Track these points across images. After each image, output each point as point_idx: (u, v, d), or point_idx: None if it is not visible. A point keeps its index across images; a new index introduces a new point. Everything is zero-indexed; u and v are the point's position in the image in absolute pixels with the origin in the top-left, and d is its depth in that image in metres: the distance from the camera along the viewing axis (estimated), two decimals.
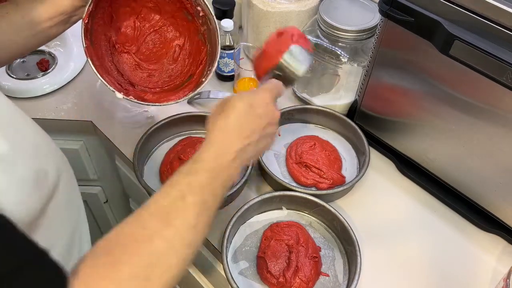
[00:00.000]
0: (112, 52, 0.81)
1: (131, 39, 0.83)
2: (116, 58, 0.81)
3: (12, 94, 0.94)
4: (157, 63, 0.84)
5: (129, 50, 0.82)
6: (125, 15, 0.81)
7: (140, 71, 0.83)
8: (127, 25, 0.82)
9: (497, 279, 0.71)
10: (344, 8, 0.84)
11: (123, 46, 0.82)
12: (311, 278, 0.68)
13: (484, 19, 0.58)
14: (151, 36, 0.84)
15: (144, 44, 0.84)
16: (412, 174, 0.83)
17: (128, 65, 0.83)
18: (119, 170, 1.01)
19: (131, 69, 0.83)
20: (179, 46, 0.84)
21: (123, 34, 0.82)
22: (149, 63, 0.84)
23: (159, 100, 0.76)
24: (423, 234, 0.77)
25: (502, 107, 0.62)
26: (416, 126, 0.77)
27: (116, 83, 0.76)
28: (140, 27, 0.83)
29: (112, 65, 0.80)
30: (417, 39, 0.66)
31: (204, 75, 0.78)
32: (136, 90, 0.80)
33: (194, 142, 0.83)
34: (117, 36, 0.81)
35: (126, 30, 0.82)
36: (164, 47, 0.84)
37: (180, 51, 0.84)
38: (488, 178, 0.71)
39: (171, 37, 0.84)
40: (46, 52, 1.00)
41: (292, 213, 0.78)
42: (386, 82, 0.77)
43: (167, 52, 0.84)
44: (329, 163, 0.81)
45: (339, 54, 0.82)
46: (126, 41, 0.82)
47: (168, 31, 0.84)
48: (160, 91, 0.82)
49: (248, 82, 0.96)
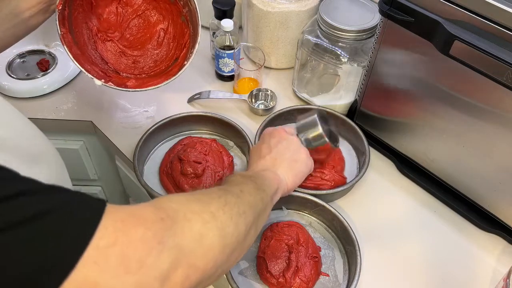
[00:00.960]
0: (95, 40, 0.80)
1: (114, 26, 0.81)
2: (99, 46, 0.80)
3: (12, 94, 0.94)
4: (142, 48, 0.83)
5: (112, 38, 0.81)
6: (106, 0, 0.80)
7: (125, 58, 0.82)
8: (109, 11, 0.80)
9: (497, 279, 0.71)
10: (344, 8, 0.84)
11: (106, 33, 0.81)
12: (311, 278, 0.68)
13: (484, 19, 0.58)
14: (134, 21, 0.83)
15: (128, 29, 0.83)
16: (412, 174, 0.83)
17: (112, 53, 0.81)
18: (119, 170, 1.01)
19: (116, 57, 0.82)
20: (163, 30, 0.83)
21: (106, 21, 0.80)
22: (133, 49, 0.83)
23: (141, 86, 0.75)
24: (423, 234, 0.77)
25: (502, 107, 0.62)
26: (416, 126, 0.77)
27: (99, 71, 0.75)
28: (122, 12, 0.81)
29: (96, 53, 0.79)
30: (417, 39, 0.66)
31: (187, 58, 0.76)
32: (120, 77, 0.79)
33: (194, 142, 0.83)
34: (99, 23, 0.80)
35: (109, 16, 0.80)
36: (148, 32, 0.83)
37: (164, 35, 0.83)
38: (488, 178, 0.71)
39: (155, 21, 0.83)
40: (46, 52, 1.00)
41: (292, 213, 0.78)
42: (386, 82, 0.77)
43: (151, 37, 0.83)
44: (333, 163, 0.81)
45: (339, 54, 0.82)
46: (108, 28, 0.81)
47: (151, 15, 0.83)
48: (145, 77, 0.81)
49: (248, 82, 0.96)
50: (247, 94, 0.92)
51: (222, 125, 0.87)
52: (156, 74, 0.81)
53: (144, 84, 0.75)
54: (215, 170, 0.79)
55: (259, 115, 0.93)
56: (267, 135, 0.68)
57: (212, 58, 1.04)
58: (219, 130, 0.89)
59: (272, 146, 0.65)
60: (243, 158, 0.86)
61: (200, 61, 1.04)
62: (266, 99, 0.95)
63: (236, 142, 0.88)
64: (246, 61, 1.04)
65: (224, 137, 0.89)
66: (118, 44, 0.82)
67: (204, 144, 0.82)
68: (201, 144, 0.82)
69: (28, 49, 1.00)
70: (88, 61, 0.75)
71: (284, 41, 0.96)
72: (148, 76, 0.81)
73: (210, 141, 0.84)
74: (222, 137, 0.89)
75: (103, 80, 0.72)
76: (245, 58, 1.05)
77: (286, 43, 0.97)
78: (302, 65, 0.92)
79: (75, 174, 1.09)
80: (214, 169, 0.79)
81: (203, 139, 0.84)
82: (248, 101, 0.92)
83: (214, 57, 0.99)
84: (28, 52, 1.00)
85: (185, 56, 0.79)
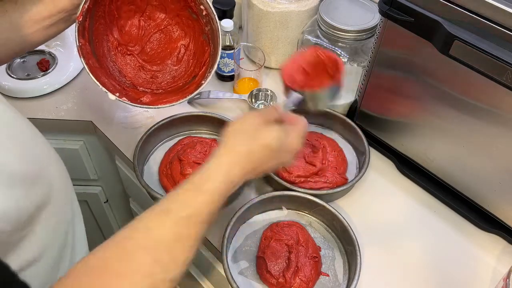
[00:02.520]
0: (115, 53, 0.80)
1: (135, 39, 0.81)
2: (119, 59, 0.80)
3: (12, 94, 0.94)
4: (161, 64, 0.83)
5: (133, 52, 0.81)
6: (129, 13, 0.79)
7: (143, 73, 0.82)
8: (132, 24, 0.80)
9: (497, 279, 0.71)
10: (344, 8, 0.84)
11: (127, 47, 0.81)
12: (311, 278, 0.68)
13: (484, 19, 0.58)
14: (156, 36, 0.82)
15: (149, 44, 0.82)
16: (412, 174, 0.83)
17: (131, 66, 0.81)
18: (119, 170, 1.01)
19: (134, 71, 0.82)
20: (184, 46, 0.83)
21: (127, 34, 0.80)
22: (152, 64, 0.83)
23: (156, 102, 0.75)
24: (423, 234, 0.77)
25: (502, 107, 0.62)
26: (416, 126, 0.77)
27: (116, 85, 0.75)
28: (145, 26, 0.81)
29: (115, 66, 0.79)
30: (417, 39, 0.66)
31: (205, 77, 0.76)
32: (137, 91, 0.79)
33: (194, 142, 0.83)
34: (121, 36, 0.80)
35: (131, 29, 0.80)
36: (169, 47, 0.83)
37: (185, 51, 0.83)
38: (488, 178, 0.71)
39: (177, 36, 0.83)
40: (46, 52, 1.00)
41: (292, 213, 0.78)
42: (386, 82, 0.77)
43: (171, 53, 0.83)
44: (336, 165, 0.81)
45: (339, 54, 0.82)
46: (129, 41, 0.81)
47: (173, 30, 0.82)
48: (161, 93, 0.81)
49: (248, 82, 0.96)
50: (247, 94, 0.92)
51: (222, 125, 0.86)
52: (173, 90, 0.80)
53: (159, 101, 0.75)
54: None
55: None
56: (289, 142, 0.54)
57: None
58: (219, 130, 0.88)
59: (273, 163, 0.53)
60: None
61: None
62: (266, 99, 0.95)
63: None
64: (246, 61, 1.04)
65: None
66: (138, 58, 0.82)
67: (204, 144, 0.82)
68: (201, 144, 0.82)
69: None
70: (105, 74, 0.74)
71: (284, 41, 0.96)
72: (165, 92, 0.80)
73: (210, 141, 0.84)
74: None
75: (118, 94, 0.72)
76: (245, 58, 1.05)
77: (286, 43, 0.97)
78: None
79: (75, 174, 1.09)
80: None
81: (203, 139, 0.84)
82: (248, 101, 0.92)
83: None
84: (28, 52, 1.00)
85: (203, 74, 0.78)
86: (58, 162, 0.60)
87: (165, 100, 0.75)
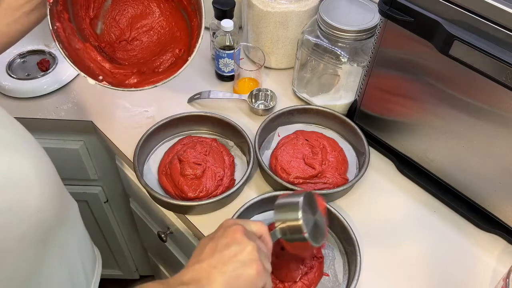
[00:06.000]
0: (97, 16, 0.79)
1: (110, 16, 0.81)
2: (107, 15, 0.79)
3: (12, 94, 0.94)
4: (147, 33, 0.83)
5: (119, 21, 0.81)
6: None
7: (129, 45, 0.82)
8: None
9: (497, 279, 0.71)
10: (344, 8, 0.84)
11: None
12: (314, 280, 0.68)
13: (484, 19, 0.58)
14: (130, 11, 0.82)
15: (123, 17, 0.82)
16: (412, 174, 0.83)
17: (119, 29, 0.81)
18: (119, 170, 1.01)
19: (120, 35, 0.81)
20: (158, 21, 0.83)
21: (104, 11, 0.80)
22: (138, 34, 0.83)
23: (142, 83, 0.73)
24: (423, 234, 0.77)
25: (502, 107, 0.62)
26: (416, 126, 0.77)
27: (104, 67, 0.75)
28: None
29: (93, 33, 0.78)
30: (417, 39, 0.66)
31: (191, 53, 0.74)
32: (123, 74, 0.78)
33: (194, 142, 0.83)
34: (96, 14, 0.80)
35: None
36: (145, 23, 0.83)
37: (159, 26, 0.83)
38: (488, 178, 0.71)
39: (152, 11, 0.82)
40: (46, 52, 1.00)
41: None
42: (386, 82, 0.77)
43: (150, 29, 0.83)
44: (337, 165, 0.81)
45: (339, 54, 0.82)
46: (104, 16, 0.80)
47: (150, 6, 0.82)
48: (148, 73, 0.79)
49: (248, 82, 0.96)
50: (247, 94, 0.93)
51: (222, 125, 0.87)
52: (162, 71, 0.79)
53: (146, 81, 0.74)
54: (215, 171, 0.79)
55: (259, 115, 0.93)
56: (221, 230, 0.53)
57: (212, 58, 1.04)
58: (219, 130, 0.89)
59: (217, 249, 0.51)
60: (243, 158, 0.86)
61: (200, 61, 1.04)
62: (266, 99, 0.95)
63: (236, 142, 0.88)
64: (246, 61, 1.04)
65: (224, 137, 0.89)
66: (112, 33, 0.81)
67: (204, 144, 0.82)
68: (201, 144, 0.82)
69: (28, 49, 1.00)
70: (89, 58, 0.74)
71: (284, 41, 0.96)
72: (153, 72, 0.79)
73: (211, 140, 0.84)
74: (222, 137, 0.89)
75: (102, 77, 0.71)
76: (245, 58, 1.05)
77: (286, 43, 0.97)
78: (302, 65, 0.92)
79: (75, 174, 1.09)
80: (214, 170, 0.79)
81: (203, 139, 0.84)
82: (248, 101, 0.92)
83: (214, 57, 0.99)
84: (28, 52, 1.00)
85: (192, 50, 0.75)
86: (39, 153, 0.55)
87: (152, 79, 0.74)
